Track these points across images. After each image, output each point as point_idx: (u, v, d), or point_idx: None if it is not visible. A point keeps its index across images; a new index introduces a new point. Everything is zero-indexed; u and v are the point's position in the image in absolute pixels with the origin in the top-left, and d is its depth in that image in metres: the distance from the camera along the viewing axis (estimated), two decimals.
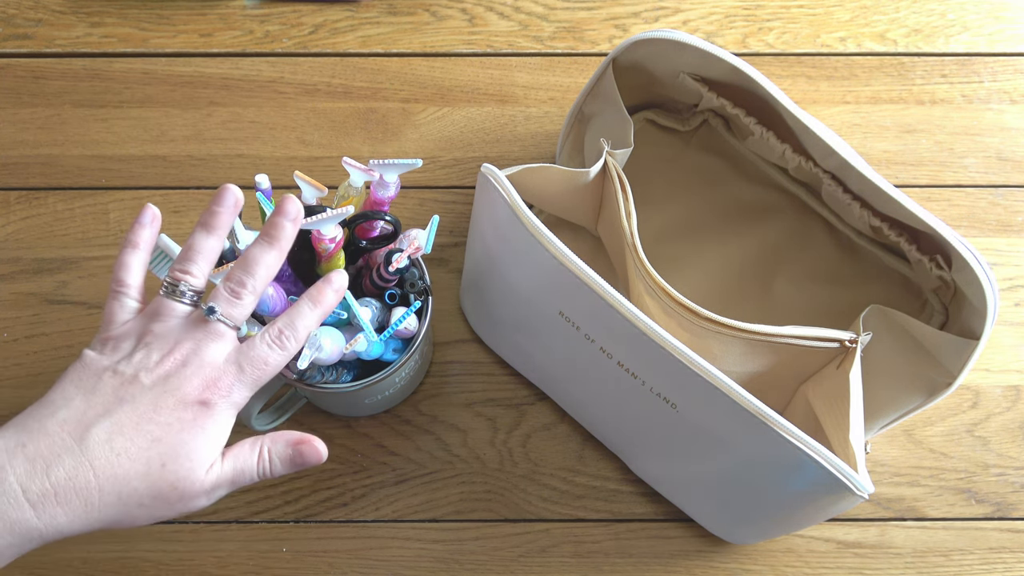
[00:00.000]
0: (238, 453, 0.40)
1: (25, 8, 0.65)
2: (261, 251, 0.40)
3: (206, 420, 0.38)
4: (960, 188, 0.62)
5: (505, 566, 0.54)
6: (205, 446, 0.38)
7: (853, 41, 0.66)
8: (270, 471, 0.40)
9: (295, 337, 0.40)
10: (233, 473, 0.39)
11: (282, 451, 0.40)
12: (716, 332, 0.46)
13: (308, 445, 0.41)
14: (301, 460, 0.41)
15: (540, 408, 0.57)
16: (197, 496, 0.38)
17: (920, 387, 0.49)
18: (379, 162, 0.44)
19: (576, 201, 0.53)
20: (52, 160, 0.61)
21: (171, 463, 0.37)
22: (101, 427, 0.36)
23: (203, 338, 0.38)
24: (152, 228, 0.42)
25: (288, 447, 0.41)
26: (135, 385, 0.37)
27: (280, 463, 0.40)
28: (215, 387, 0.38)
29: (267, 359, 0.39)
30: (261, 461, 0.40)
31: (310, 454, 0.41)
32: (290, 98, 0.63)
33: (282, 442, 0.41)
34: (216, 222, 0.41)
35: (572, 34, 0.65)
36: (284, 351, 0.39)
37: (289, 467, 0.41)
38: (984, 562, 0.54)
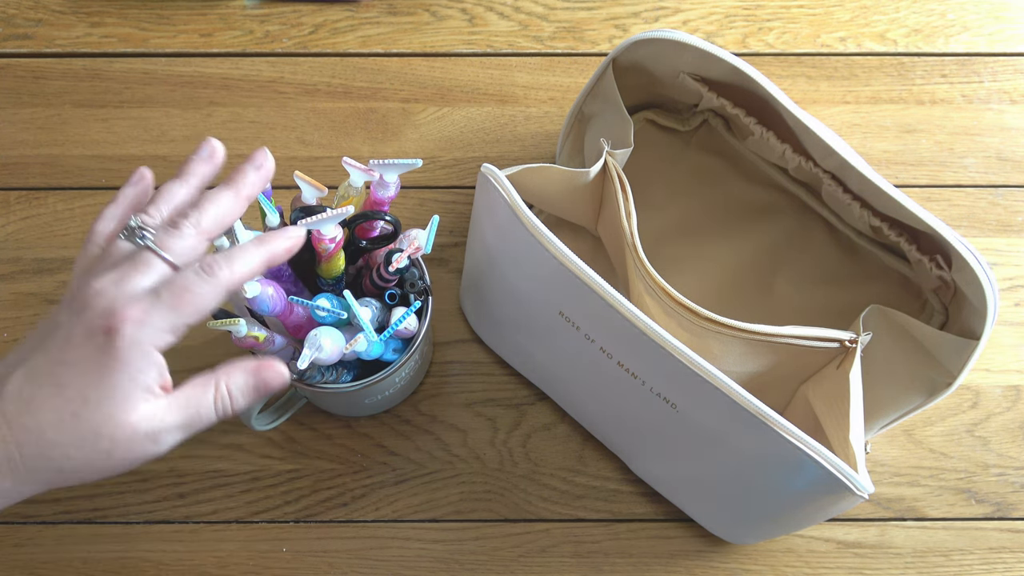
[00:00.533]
0: (187, 392, 0.35)
1: (25, 8, 0.65)
2: (216, 191, 0.37)
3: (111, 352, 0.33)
4: (960, 188, 0.62)
5: (505, 566, 0.54)
6: (118, 384, 0.33)
7: (853, 41, 0.66)
8: (231, 405, 0.36)
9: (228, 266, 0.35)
10: (182, 414, 0.35)
11: (241, 381, 0.36)
12: (716, 332, 0.46)
13: (268, 369, 0.37)
14: (264, 387, 0.37)
15: (540, 408, 0.57)
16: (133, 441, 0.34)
17: (920, 387, 0.49)
18: (379, 162, 0.44)
19: (576, 201, 0.53)
20: (52, 160, 0.61)
21: (84, 409, 0.33)
22: (16, 376, 0.33)
23: (129, 268, 0.34)
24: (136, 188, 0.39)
25: (247, 375, 0.37)
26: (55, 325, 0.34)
27: (242, 395, 0.37)
28: (123, 314, 0.33)
29: (189, 286, 0.34)
30: (219, 397, 0.36)
31: (272, 378, 0.37)
32: (290, 98, 0.63)
33: (239, 371, 0.37)
34: (188, 169, 0.38)
35: (572, 34, 0.65)
36: (212, 278, 0.35)
37: (253, 396, 0.37)
38: (984, 562, 0.54)
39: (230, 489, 0.55)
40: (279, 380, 0.37)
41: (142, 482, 0.55)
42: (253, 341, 0.43)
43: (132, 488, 0.55)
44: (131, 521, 0.55)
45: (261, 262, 0.37)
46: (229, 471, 0.55)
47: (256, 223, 0.47)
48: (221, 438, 0.56)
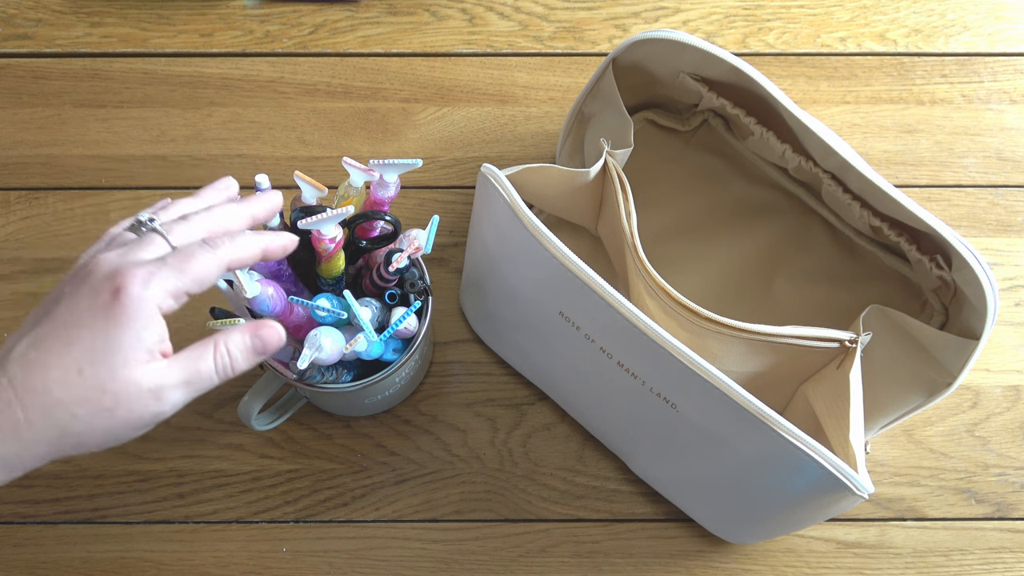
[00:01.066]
0: (188, 354, 0.36)
1: (25, 8, 0.65)
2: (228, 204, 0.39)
3: (117, 308, 0.34)
4: (960, 188, 0.62)
5: (505, 566, 0.54)
6: (123, 340, 0.34)
7: (853, 41, 0.66)
8: (231, 365, 0.37)
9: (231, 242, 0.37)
10: (184, 373, 0.36)
11: (239, 341, 0.37)
12: (716, 332, 0.46)
13: (267, 328, 0.38)
14: (263, 346, 0.38)
15: (540, 408, 0.57)
16: (136, 398, 0.35)
17: (920, 387, 0.49)
18: (379, 162, 0.44)
19: (576, 201, 0.53)
20: (52, 160, 0.61)
21: (88, 366, 0.34)
22: (21, 344, 0.34)
23: (133, 244, 0.36)
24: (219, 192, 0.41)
25: (245, 334, 0.38)
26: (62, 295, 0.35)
27: (241, 354, 0.37)
28: (130, 273, 0.34)
29: (194, 252, 0.36)
30: (219, 356, 0.37)
31: (270, 337, 0.38)
32: (290, 98, 0.63)
33: (237, 331, 0.38)
34: (203, 192, 0.40)
35: (572, 34, 0.65)
36: (215, 251, 0.36)
37: (252, 357, 0.38)
38: (984, 562, 0.54)
39: (230, 489, 0.55)
40: (276, 339, 0.38)
41: (142, 482, 0.55)
42: None
43: (132, 488, 0.55)
44: (131, 521, 0.55)
45: (259, 250, 0.38)
46: (229, 471, 0.55)
47: None
48: (221, 438, 0.56)
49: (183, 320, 0.58)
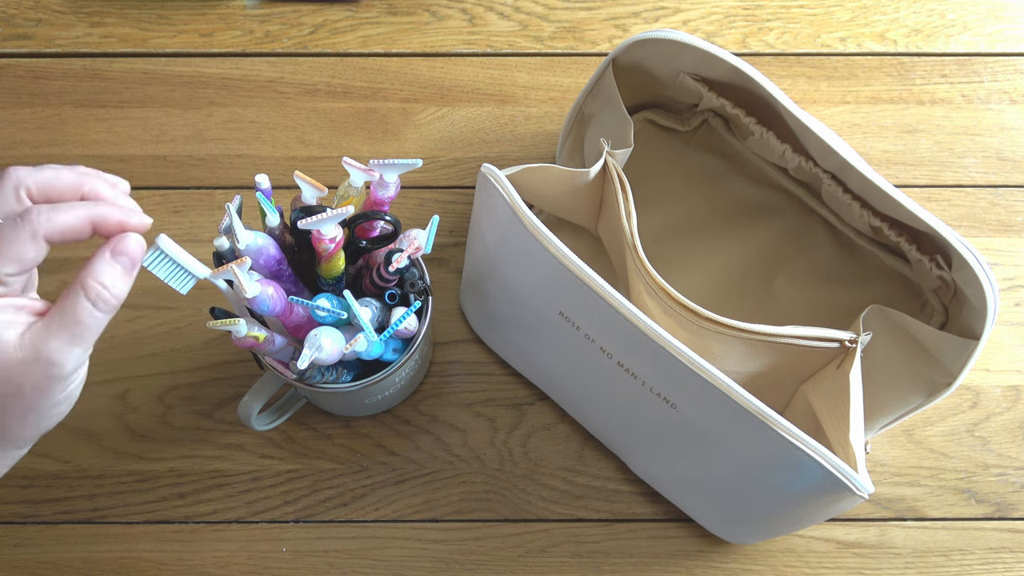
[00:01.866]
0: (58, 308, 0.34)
1: (25, 8, 0.65)
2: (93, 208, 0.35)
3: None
4: (960, 188, 0.62)
5: (505, 566, 0.54)
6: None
7: (853, 41, 0.66)
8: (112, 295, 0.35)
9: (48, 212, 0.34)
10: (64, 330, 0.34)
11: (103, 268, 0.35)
12: (716, 332, 0.46)
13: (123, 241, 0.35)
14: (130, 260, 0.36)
15: (540, 408, 0.57)
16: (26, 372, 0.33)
17: (920, 387, 0.49)
18: (379, 162, 0.44)
19: (576, 201, 0.53)
20: (52, 160, 0.61)
21: None
22: None
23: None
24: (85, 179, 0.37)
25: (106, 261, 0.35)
26: None
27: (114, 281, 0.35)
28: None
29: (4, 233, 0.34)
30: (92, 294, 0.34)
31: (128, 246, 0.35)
32: (290, 98, 0.63)
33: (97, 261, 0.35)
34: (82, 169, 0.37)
35: (572, 34, 0.65)
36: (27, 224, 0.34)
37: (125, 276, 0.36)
38: (984, 562, 0.54)
39: (230, 489, 0.55)
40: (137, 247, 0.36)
41: (142, 482, 0.55)
42: (253, 341, 0.43)
43: (132, 488, 0.55)
44: (131, 521, 0.55)
45: (85, 218, 0.35)
46: (229, 471, 0.55)
47: (256, 223, 0.47)
48: (221, 438, 0.56)
49: (186, 319, 0.58)
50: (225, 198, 0.61)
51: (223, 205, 0.60)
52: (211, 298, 0.56)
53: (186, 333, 0.58)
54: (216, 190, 0.61)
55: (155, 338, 0.57)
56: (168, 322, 0.58)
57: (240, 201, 0.43)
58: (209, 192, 0.61)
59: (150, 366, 0.57)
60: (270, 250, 0.44)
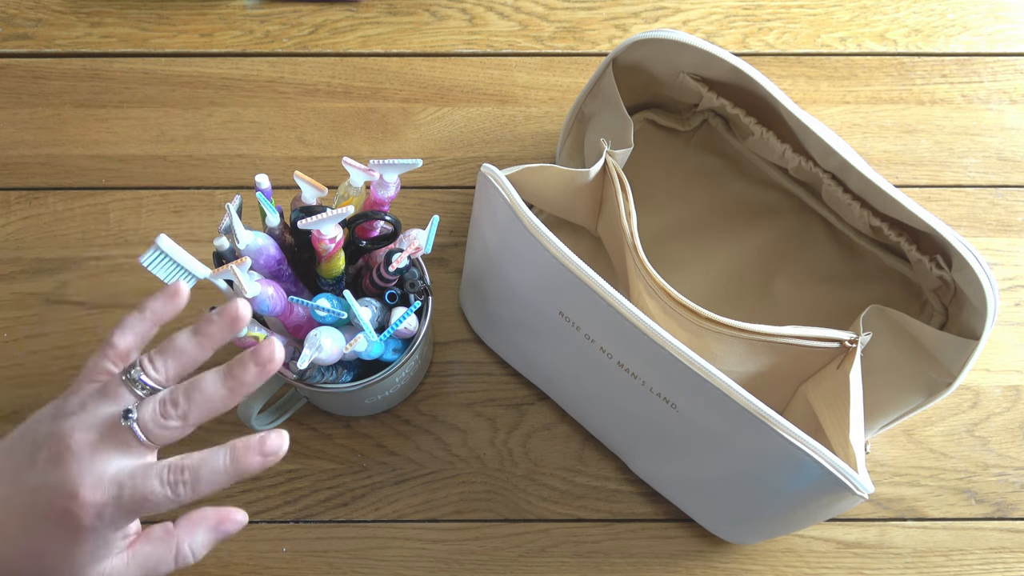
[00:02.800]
0: (149, 551, 0.38)
1: (25, 8, 0.65)
2: (215, 385, 0.38)
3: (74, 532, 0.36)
4: (960, 188, 0.62)
5: (505, 566, 0.54)
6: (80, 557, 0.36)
7: (853, 41, 0.66)
8: (192, 559, 0.38)
9: (193, 489, 0.37)
10: (140, 571, 0.37)
11: (202, 539, 0.39)
12: (716, 332, 0.46)
13: (228, 523, 0.39)
14: (225, 537, 0.39)
15: (540, 408, 0.57)
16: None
17: (920, 387, 0.49)
18: (379, 162, 0.44)
19: (576, 201, 0.53)
20: (52, 160, 0.61)
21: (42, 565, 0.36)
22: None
23: (106, 435, 0.36)
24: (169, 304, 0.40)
25: (208, 533, 0.39)
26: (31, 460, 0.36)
27: (203, 549, 0.39)
28: (85, 503, 0.35)
29: (149, 497, 0.36)
30: (180, 557, 0.38)
31: (232, 528, 0.39)
32: (290, 98, 0.63)
33: (201, 531, 0.39)
34: (207, 330, 0.39)
35: (572, 34, 0.65)
36: (174, 497, 0.36)
37: (210, 547, 0.39)
38: (984, 562, 0.54)
39: (230, 489, 0.55)
40: (237, 528, 0.39)
41: None
42: (253, 341, 0.43)
43: None
44: None
45: (228, 482, 0.38)
46: None
47: (256, 223, 0.47)
48: (221, 438, 0.56)
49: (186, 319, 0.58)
50: (225, 198, 0.61)
51: (223, 205, 0.60)
52: (211, 298, 0.56)
53: None
54: (216, 190, 0.61)
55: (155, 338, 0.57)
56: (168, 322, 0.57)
57: (240, 201, 0.43)
58: (209, 192, 0.61)
59: None
60: (270, 250, 0.44)
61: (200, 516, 0.39)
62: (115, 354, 0.39)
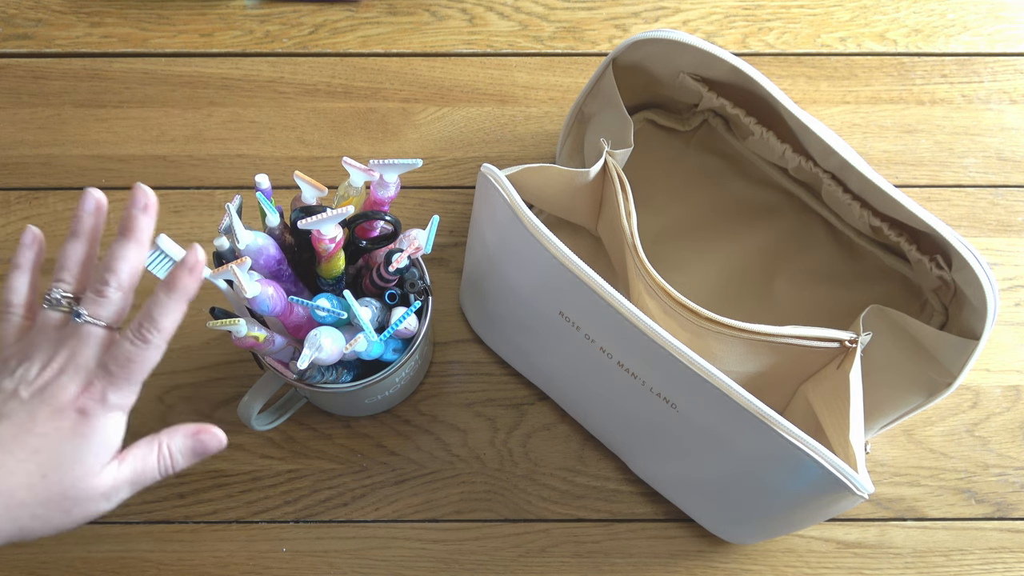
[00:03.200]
0: (136, 453, 0.40)
1: (25, 8, 0.65)
2: (118, 246, 0.40)
3: (84, 427, 0.38)
4: (960, 188, 0.62)
5: (505, 566, 0.54)
6: (88, 453, 0.38)
7: (853, 41, 0.66)
8: (172, 466, 0.41)
9: (155, 327, 0.39)
10: (132, 474, 0.40)
11: (181, 443, 0.41)
12: (716, 332, 0.46)
13: (206, 433, 0.41)
14: (202, 448, 0.41)
15: (540, 408, 0.57)
16: (92, 500, 0.38)
17: (920, 387, 0.49)
18: (379, 162, 0.44)
19: (576, 201, 0.53)
20: (52, 160, 0.61)
21: (53, 473, 0.37)
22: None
23: (75, 344, 0.39)
24: (34, 249, 0.42)
25: (187, 438, 0.41)
26: (14, 400, 0.38)
27: (181, 456, 0.41)
28: (88, 393, 0.38)
29: (130, 356, 0.38)
30: (161, 458, 0.40)
31: (209, 442, 0.41)
32: (290, 98, 0.63)
33: (180, 435, 0.41)
34: (79, 227, 0.41)
35: (572, 34, 0.65)
36: (147, 344, 0.38)
37: (191, 458, 0.41)
38: (984, 562, 0.54)
39: (230, 489, 0.55)
40: (216, 443, 0.41)
41: None
42: (253, 341, 0.43)
43: None
44: (131, 521, 0.55)
45: (180, 307, 0.40)
46: (229, 471, 0.55)
47: (256, 223, 0.47)
48: None
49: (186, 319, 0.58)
50: (225, 198, 0.61)
51: (223, 205, 0.60)
52: (211, 298, 0.56)
53: (186, 333, 0.57)
54: (216, 190, 0.61)
55: None
56: None
57: (240, 201, 0.43)
58: (209, 192, 0.61)
59: None
60: (270, 250, 0.44)
61: (181, 425, 0.41)
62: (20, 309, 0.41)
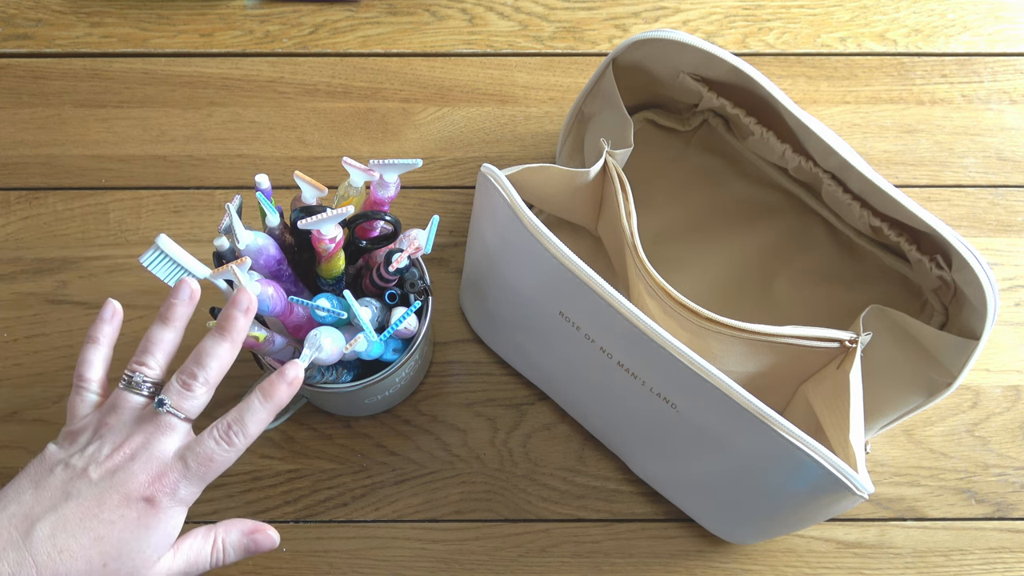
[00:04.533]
0: (191, 544, 0.40)
1: (25, 8, 0.65)
2: (213, 343, 0.40)
3: (150, 519, 0.38)
4: (960, 188, 0.62)
5: (505, 566, 0.54)
6: (150, 544, 0.38)
7: (853, 41, 0.66)
8: (223, 560, 0.41)
9: (244, 433, 0.40)
10: (186, 565, 0.40)
11: (236, 540, 0.42)
12: (716, 332, 0.46)
13: (262, 534, 0.42)
14: (255, 548, 0.42)
15: (540, 408, 0.57)
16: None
17: (920, 387, 0.49)
18: (379, 162, 0.44)
19: (576, 201, 0.53)
20: (52, 160, 0.61)
21: (113, 562, 0.37)
22: (46, 522, 0.37)
23: (153, 431, 0.39)
24: (112, 324, 0.43)
25: (242, 536, 0.42)
26: (83, 479, 0.38)
27: (234, 551, 0.42)
28: (160, 484, 0.38)
29: (213, 456, 0.39)
30: (215, 552, 0.41)
31: (263, 542, 0.42)
32: (290, 98, 0.63)
33: (236, 531, 0.42)
34: (172, 315, 0.42)
35: (572, 34, 0.65)
36: (232, 447, 0.39)
37: (242, 555, 0.42)
38: (984, 562, 0.54)
39: (230, 489, 0.55)
40: (269, 544, 0.42)
41: None
42: (253, 341, 0.43)
43: None
44: None
45: (271, 416, 0.41)
46: (229, 471, 0.55)
47: (256, 223, 0.47)
48: None
49: None
50: (225, 198, 0.61)
51: (223, 205, 0.60)
52: (211, 298, 0.56)
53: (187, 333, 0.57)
54: (216, 190, 0.61)
55: None
56: None
57: (240, 201, 0.43)
58: (209, 192, 0.61)
59: None
60: (270, 250, 0.44)
61: (237, 520, 0.42)
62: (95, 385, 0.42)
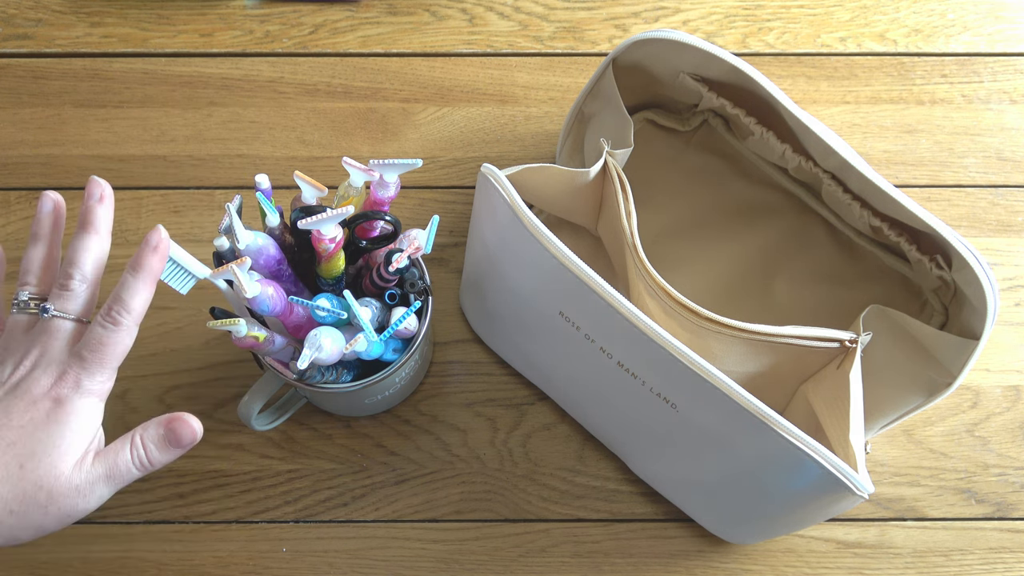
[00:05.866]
0: (110, 448, 0.39)
1: (25, 8, 0.65)
2: (78, 240, 0.40)
3: (59, 413, 0.38)
4: (960, 188, 0.62)
5: (505, 566, 0.54)
6: (64, 438, 0.38)
7: (853, 41, 0.66)
8: (147, 458, 0.40)
9: (125, 309, 0.39)
10: (105, 468, 0.39)
11: (153, 434, 0.40)
12: (716, 332, 0.46)
13: (178, 421, 0.40)
14: (175, 438, 0.40)
15: (540, 408, 0.57)
16: (68, 495, 0.38)
17: (920, 387, 0.49)
18: (379, 162, 0.44)
19: (576, 201, 0.53)
20: (52, 160, 0.61)
21: (28, 462, 0.37)
22: None
23: (46, 339, 0.39)
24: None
25: (159, 427, 0.40)
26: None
27: (155, 447, 0.40)
28: (62, 382, 0.38)
29: (103, 339, 0.38)
30: (134, 449, 0.40)
31: (183, 430, 0.40)
32: (290, 98, 0.63)
33: (152, 425, 0.40)
34: (38, 230, 0.42)
35: (572, 34, 0.65)
36: (118, 327, 0.39)
37: (166, 450, 0.40)
38: (984, 562, 0.54)
39: (230, 489, 0.55)
40: (188, 431, 0.40)
41: (142, 482, 0.55)
42: (253, 341, 0.43)
43: (132, 488, 0.55)
44: (131, 521, 0.55)
45: (148, 287, 0.40)
46: (229, 471, 0.55)
47: (256, 223, 0.47)
48: (221, 438, 0.56)
49: (186, 319, 0.58)
50: (225, 198, 0.61)
51: (223, 205, 0.60)
52: (211, 298, 0.56)
53: (186, 333, 0.58)
54: (216, 190, 0.61)
55: (155, 338, 0.57)
56: (168, 322, 0.58)
57: (240, 201, 0.43)
58: (209, 192, 0.61)
59: (150, 366, 0.57)
60: (270, 250, 0.44)
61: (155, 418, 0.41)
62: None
